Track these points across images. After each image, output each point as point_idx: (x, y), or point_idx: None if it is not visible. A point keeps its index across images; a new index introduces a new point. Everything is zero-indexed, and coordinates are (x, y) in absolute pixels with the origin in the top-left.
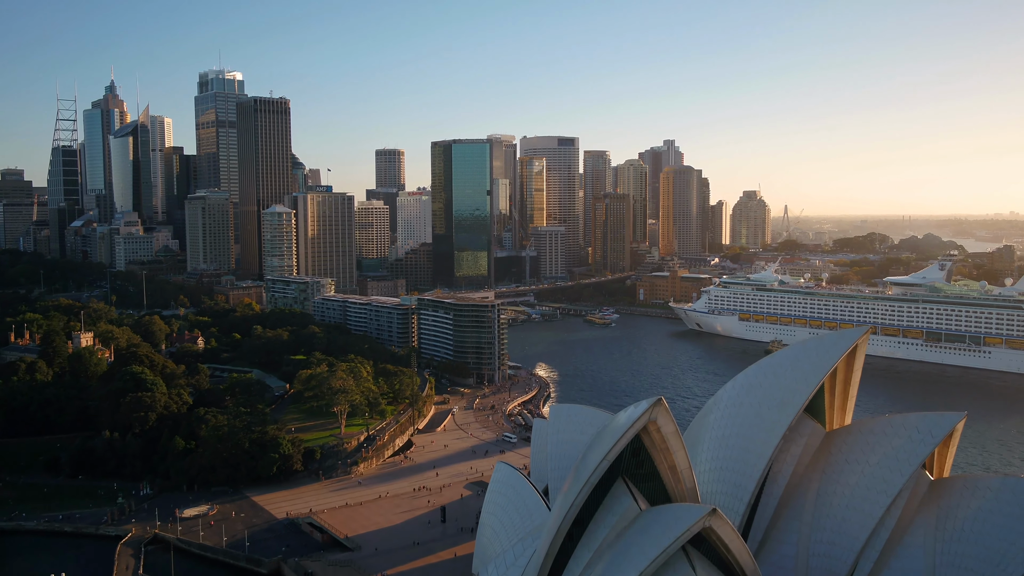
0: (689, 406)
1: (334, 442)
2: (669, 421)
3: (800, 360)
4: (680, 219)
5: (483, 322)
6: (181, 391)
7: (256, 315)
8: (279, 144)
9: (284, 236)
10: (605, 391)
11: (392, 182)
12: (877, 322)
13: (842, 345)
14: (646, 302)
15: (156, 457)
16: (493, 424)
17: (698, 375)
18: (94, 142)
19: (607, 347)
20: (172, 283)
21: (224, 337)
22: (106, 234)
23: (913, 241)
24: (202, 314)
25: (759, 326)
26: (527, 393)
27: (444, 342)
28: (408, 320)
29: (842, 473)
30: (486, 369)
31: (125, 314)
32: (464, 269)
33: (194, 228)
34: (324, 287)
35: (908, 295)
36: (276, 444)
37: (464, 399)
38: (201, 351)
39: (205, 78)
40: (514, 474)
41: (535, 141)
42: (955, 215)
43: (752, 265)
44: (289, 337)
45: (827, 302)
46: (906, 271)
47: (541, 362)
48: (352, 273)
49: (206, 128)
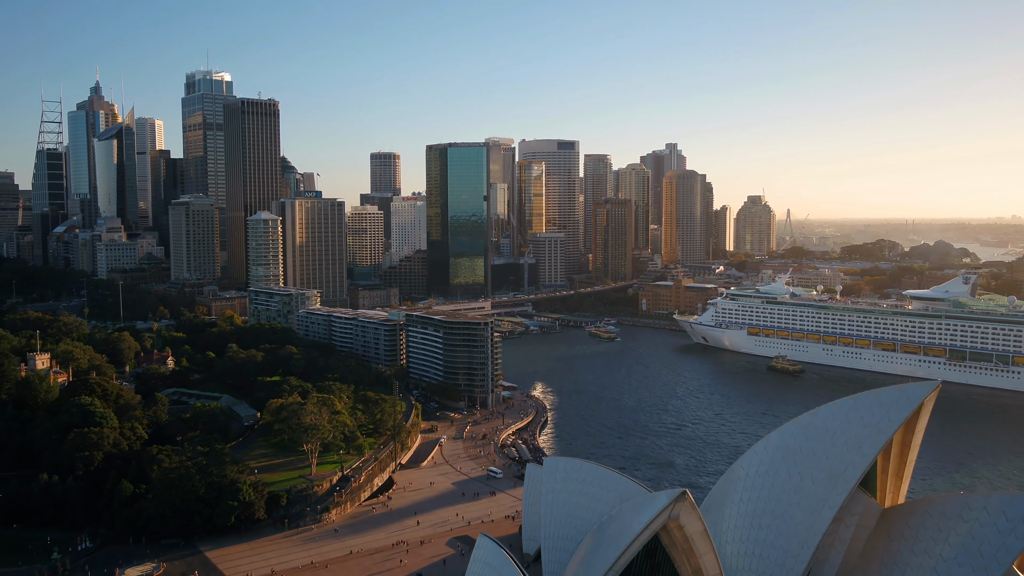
0: (697, 434)
1: (303, 485)
2: (695, 519)
3: (852, 422)
4: (683, 225)
5: (475, 341)
6: (135, 424)
7: (234, 331)
8: (268, 147)
9: (270, 244)
10: (607, 417)
11: (387, 186)
12: (896, 339)
13: (906, 405)
14: (649, 312)
15: (101, 503)
16: (484, 457)
17: (707, 398)
18: (79, 145)
19: (609, 364)
20: (153, 293)
21: (198, 355)
22: (88, 240)
23: (924, 249)
24: (181, 327)
25: (769, 341)
26: (522, 419)
27: (434, 361)
28: (396, 337)
29: (908, 568)
30: (478, 392)
31: (98, 327)
32: (460, 277)
33: (178, 235)
34: (309, 299)
35: (930, 310)
36: (235, 489)
37: (454, 426)
38: (168, 373)
39: (192, 79)
40: (498, 554)
41: (534, 144)
42: (957, 219)
43: (759, 274)
44: (263, 359)
45: (842, 316)
46: (919, 281)
47: (538, 381)
48: (342, 282)
49: (193, 131)
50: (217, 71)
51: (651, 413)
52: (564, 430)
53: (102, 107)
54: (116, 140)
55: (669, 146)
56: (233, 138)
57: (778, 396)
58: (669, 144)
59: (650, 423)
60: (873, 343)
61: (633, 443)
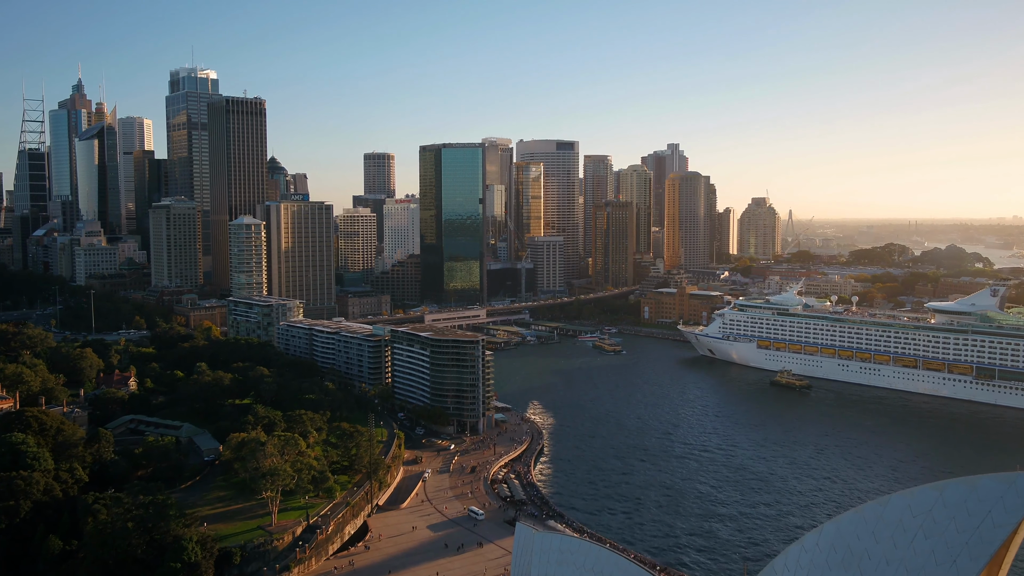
0: (706, 465)
1: (261, 539)
2: None
3: (940, 522)
4: (687, 228)
5: (465, 360)
6: (75, 465)
7: (208, 346)
8: (254, 148)
9: (253, 250)
10: (607, 444)
11: (381, 188)
12: (918, 355)
13: (1018, 505)
14: (651, 321)
15: (26, 562)
16: (472, 496)
17: (714, 421)
18: (60, 145)
19: (609, 379)
20: (131, 301)
21: (166, 374)
22: (66, 245)
23: (936, 254)
24: (154, 340)
25: (780, 355)
26: (516, 447)
27: (420, 382)
28: (381, 354)
29: None
30: (468, 416)
31: (66, 340)
32: (455, 282)
33: (158, 240)
34: (291, 310)
35: (955, 324)
36: (180, 548)
37: (440, 457)
38: (127, 397)
39: (176, 77)
40: None
41: (532, 145)
42: (959, 219)
43: (765, 280)
44: (231, 382)
45: (859, 330)
46: (934, 289)
47: (534, 400)
48: (330, 289)
49: (178, 130)
50: (203, 68)
51: (655, 437)
52: (561, 461)
53: (84, 106)
54: (97, 140)
55: (671, 146)
56: (217, 138)
57: (795, 418)
58: (671, 144)
59: (655, 449)
60: (893, 359)
61: (637, 478)
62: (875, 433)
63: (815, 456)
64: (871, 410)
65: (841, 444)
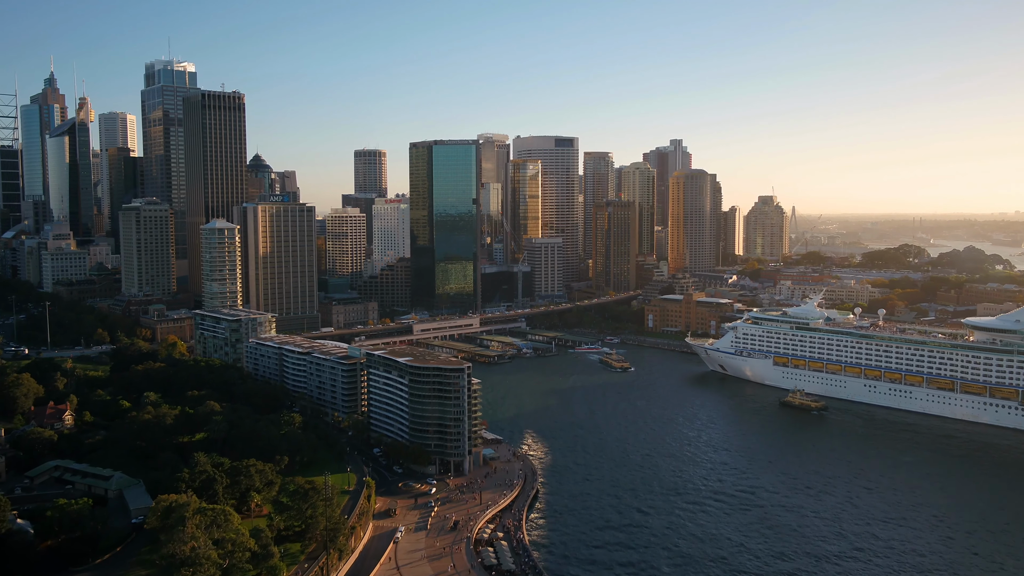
0: (722, 518)
1: None
2: None
3: None
4: (692, 229)
5: (448, 391)
6: None
7: (165, 368)
8: (232, 145)
9: (226, 257)
10: (610, 486)
11: (372, 186)
12: (955, 376)
13: None
14: (656, 330)
15: None
16: (452, 565)
17: (728, 453)
18: (32, 142)
19: (610, 401)
20: (96, 311)
21: (111, 404)
22: (34, 248)
23: (953, 255)
24: (115, 356)
25: (799, 373)
26: (506, 494)
27: (398, 414)
28: (356, 379)
29: None
30: (452, 454)
31: (15, 358)
32: (447, 286)
33: (128, 244)
34: (262, 325)
35: (998, 343)
36: None
37: (417, 512)
38: (56, 439)
39: (151, 69)
40: None
41: (530, 142)
42: (962, 214)
43: (775, 284)
44: (179, 417)
45: (888, 348)
46: (957, 295)
47: (528, 428)
48: (312, 297)
49: (155, 126)
50: (179, 61)
51: (663, 478)
52: (558, 512)
53: (57, 101)
54: (68, 137)
55: (674, 142)
56: (193, 135)
57: (822, 450)
58: (674, 140)
59: (662, 494)
60: (926, 380)
61: (642, 536)
62: (915, 471)
63: (846, 505)
64: (905, 439)
65: (877, 486)
